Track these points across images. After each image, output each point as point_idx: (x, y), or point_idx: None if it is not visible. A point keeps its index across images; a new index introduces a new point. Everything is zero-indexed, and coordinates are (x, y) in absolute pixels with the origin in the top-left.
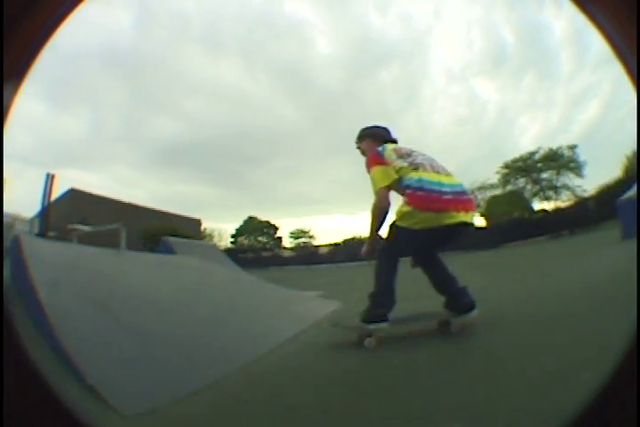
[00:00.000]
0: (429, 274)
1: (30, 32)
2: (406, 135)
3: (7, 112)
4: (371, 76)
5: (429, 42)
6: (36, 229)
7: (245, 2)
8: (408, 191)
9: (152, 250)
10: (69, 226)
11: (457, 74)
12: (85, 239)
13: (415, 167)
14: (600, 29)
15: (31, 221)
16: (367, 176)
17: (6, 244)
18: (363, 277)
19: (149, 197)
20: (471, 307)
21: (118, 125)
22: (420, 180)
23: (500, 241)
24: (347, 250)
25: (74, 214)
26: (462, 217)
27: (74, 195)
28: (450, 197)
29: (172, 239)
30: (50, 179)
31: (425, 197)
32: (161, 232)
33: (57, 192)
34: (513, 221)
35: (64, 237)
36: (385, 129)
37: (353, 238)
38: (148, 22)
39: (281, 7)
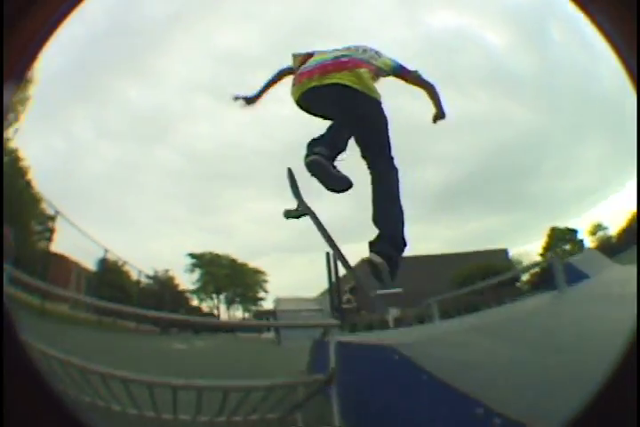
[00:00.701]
0: None
1: (30, 32)
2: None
3: (7, 112)
4: (551, 46)
5: None
6: (327, 306)
7: (396, 32)
8: None
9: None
10: (373, 293)
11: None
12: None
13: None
14: (600, 29)
15: (320, 300)
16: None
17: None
18: None
19: (445, 245)
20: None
21: None
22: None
23: None
24: None
25: (372, 281)
26: (310, 82)
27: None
28: (309, 69)
29: (575, 265)
30: (331, 257)
31: (293, 80)
32: (479, 272)
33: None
34: None
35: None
36: None
37: None
38: None
39: (428, 27)
